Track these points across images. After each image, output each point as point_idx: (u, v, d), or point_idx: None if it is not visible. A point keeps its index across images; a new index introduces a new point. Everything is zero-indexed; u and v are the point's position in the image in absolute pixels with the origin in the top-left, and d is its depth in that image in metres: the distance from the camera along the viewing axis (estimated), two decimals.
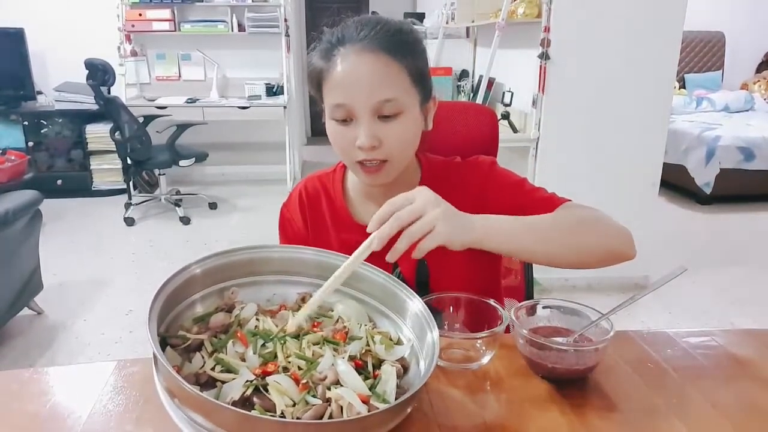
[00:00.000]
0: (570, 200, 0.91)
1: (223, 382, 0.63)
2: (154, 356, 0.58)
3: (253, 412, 0.58)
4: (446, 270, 0.98)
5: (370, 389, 0.63)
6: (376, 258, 0.81)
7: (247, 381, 0.62)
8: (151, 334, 0.60)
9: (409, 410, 0.60)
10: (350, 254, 0.78)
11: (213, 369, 0.65)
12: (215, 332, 0.72)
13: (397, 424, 0.58)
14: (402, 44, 0.84)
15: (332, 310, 0.79)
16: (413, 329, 0.73)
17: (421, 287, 0.97)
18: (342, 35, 0.85)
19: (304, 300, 0.80)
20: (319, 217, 1.02)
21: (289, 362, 0.66)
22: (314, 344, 0.70)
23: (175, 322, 0.72)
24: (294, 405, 0.60)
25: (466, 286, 0.86)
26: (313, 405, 0.60)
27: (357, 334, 0.73)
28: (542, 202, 0.90)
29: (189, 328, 0.72)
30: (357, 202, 1.00)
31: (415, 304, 0.73)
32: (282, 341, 0.69)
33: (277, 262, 0.82)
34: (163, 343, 0.68)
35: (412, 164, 0.99)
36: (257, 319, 0.74)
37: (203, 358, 0.67)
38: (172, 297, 0.70)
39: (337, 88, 0.84)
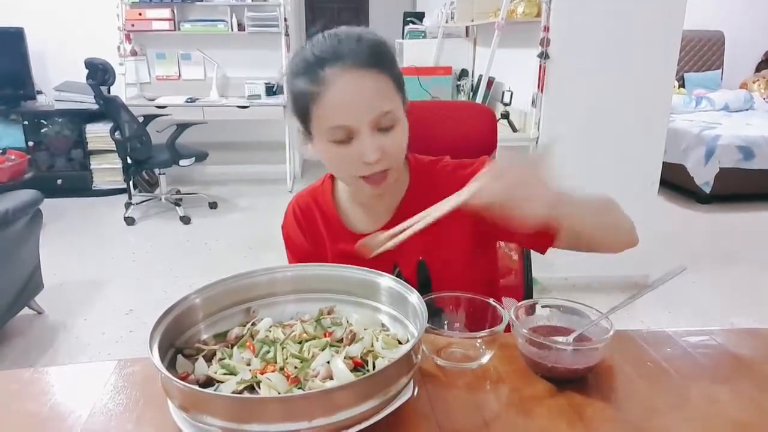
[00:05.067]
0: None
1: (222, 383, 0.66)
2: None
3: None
4: (445, 270, 0.98)
5: None
6: (375, 260, 0.81)
7: (241, 379, 0.64)
8: (151, 350, 0.63)
9: (395, 394, 0.60)
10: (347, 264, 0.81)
11: (216, 373, 0.68)
12: (229, 343, 0.75)
13: (373, 408, 0.57)
14: (383, 56, 0.86)
15: (347, 320, 0.80)
16: (416, 325, 0.74)
17: (423, 288, 0.96)
18: (321, 55, 0.83)
19: (329, 313, 0.82)
20: (316, 231, 1.03)
21: (287, 363, 0.68)
22: (315, 348, 0.71)
23: (194, 338, 0.76)
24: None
25: (467, 286, 0.86)
26: None
27: (362, 338, 0.74)
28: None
29: (209, 342, 0.76)
30: (348, 210, 1.02)
31: (413, 298, 0.74)
32: (282, 345, 0.71)
33: (292, 281, 0.84)
34: (179, 353, 0.72)
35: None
36: (269, 330, 0.76)
37: (207, 364, 0.70)
38: (183, 317, 0.74)
39: (334, 110, 0.83)
